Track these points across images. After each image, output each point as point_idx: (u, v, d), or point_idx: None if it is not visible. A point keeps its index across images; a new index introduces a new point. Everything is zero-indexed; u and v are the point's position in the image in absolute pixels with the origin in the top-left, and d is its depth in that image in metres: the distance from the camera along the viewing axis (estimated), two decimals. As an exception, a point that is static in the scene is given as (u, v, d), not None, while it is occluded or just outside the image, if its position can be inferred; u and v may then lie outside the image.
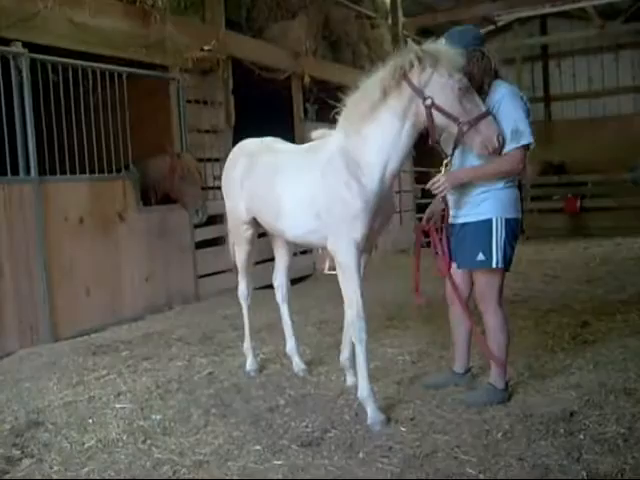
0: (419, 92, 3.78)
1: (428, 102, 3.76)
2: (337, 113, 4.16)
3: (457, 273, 4.40)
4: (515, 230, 4.15)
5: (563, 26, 17.31)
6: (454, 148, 3.91)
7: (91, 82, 7.08)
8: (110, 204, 7.29)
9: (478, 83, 3.97)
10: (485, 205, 4.08)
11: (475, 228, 4.12)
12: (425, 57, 3.76)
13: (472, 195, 4.12)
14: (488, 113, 3.77)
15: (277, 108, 11.09)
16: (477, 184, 4.08)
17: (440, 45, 3.85)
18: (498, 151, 3.80)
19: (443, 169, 3.99)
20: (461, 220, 4.24)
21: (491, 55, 4.07)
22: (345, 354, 4.62)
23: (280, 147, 4.89)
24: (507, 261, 4.11)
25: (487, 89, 4.01)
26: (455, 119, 3.74)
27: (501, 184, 4.06)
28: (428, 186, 4.08)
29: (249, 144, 5.12)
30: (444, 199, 4.16)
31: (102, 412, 4.43)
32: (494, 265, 4.07)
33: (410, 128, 3.90)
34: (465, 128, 3.72)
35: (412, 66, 3.79)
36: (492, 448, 3.52)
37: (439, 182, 3.99)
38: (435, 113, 3.78)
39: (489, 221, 4.06)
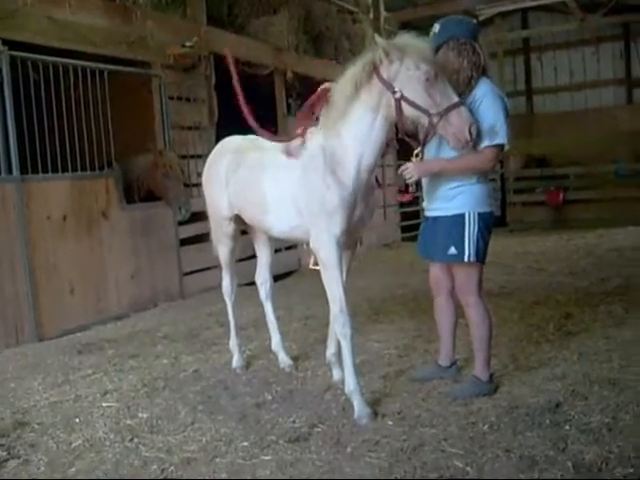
0: (388, 86, 3.81)
1: (397, 95, 3.78)
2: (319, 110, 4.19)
3: (437, 266, 4.44)
4: (488, 224, 4.19)
5: (544, 20, 17.39)
6: (425, 139, 3.91)
7: (72, 79, 7.03)
8: (93, 202, 7.24)
9: (466, 77, 3.99)
10: (458, 199, 4.12)
11: (448, 222, 4.16)
12: (392, 51, 3.78)
13: (445, 189, 4.16)
14: (460, 103, 3.76)
15: (260, 104, 11.03)
16: (450, 178, 4.11)
17: (408, 38, 3.85)
18: (471, 142, 3.78)
19: (414, 158, 4.02)
20: (434, 214, 4.28)
21: (482, 51, 4.09)
22: (331, 349, 4.63)
23: (265, 144, 4.89)
24: (480, 255, 4.14)
25: (474, 84, 4.02)
26: (425, 111, 3.75)
27: (474, 179, 4.09)
28: (399, 171, 4.11)
29: (234, 141, 5.12)
30: (413, 186, 4.15)
31: (88, 411, 4.41)
32: (466, 259, 4.11)
33: (383, 121, 3.91)
34: (435, 120, 3.73)
35: (382, 60, 3.81)
36: (479, 440, 3.54)
37: (409, 169, 4.02)
38: (405, 106, 3.79)
39: (462, 215, 4.11)
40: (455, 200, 4.12)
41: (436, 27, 4.11)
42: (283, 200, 4.29)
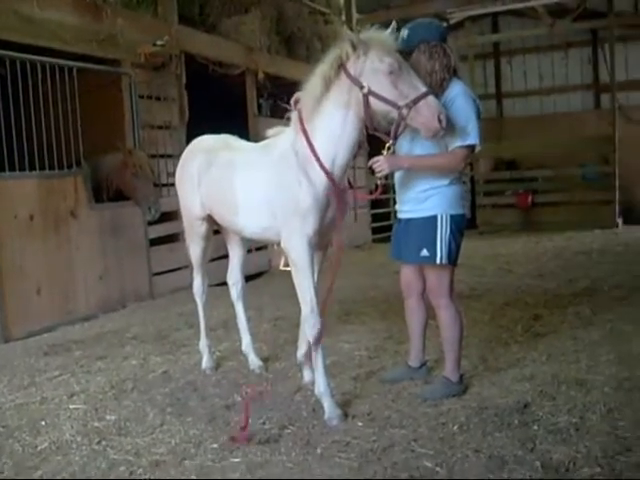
0: (356, 81, 3.80)
1: (364, 90, 3.77)
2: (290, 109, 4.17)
3: (409, 268, 4.45)
4: (460, 226, 4.20)
5: (514, 24, 17.54)
6: (395, 132, 3.87)
7: (40, 76, 6.92)
8: (61, 201, 7.15)
9: (439, 79, 4.00)
10: (430, 201, 4.13)
11: (420, 224, 4.17)
12: (358, 45, 3.77)
13: (417, 191, 4.17)
14: (427, 93, 3.73)
15: (231, 104, 11.01)
16: (422, 180, 4.13)
17: (372, 32, 3.84)
18: (442, 131, 3.73)
19: (385, 151, 3.99)
20: (406, 215, 4.30)
21: (452, 52, 4.11)
22: (301, 350, 4.61)
23: (237, 144, 4.88)
24: (452, 257, 4.15)
25: (446, 86, 4.04)
26: (393, 104, 3.73)
27: (447, 181, 4.11)
28: (369, 164, 4.08)
29: (206, 140, 5.08)
30: (382, 179, 4.11)
31: (55, 413, 4.34)
32: (438, 261, 4.12)
33: (354, 118, 3.89)
34: (405, 112, 3.71)
35: (348, 56, 3.81)
36: (448, 441, 3.55)
37: (379, 162, 4.01)
38: (374, 100, 3.78)
39: (434, 217, 4.12)
40: (427, 202, 4.13)
41: (404, 32, 4.10)
42: (255, 201, 4.27)
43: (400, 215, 4.38)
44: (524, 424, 3.70)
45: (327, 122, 3.92)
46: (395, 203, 4.43)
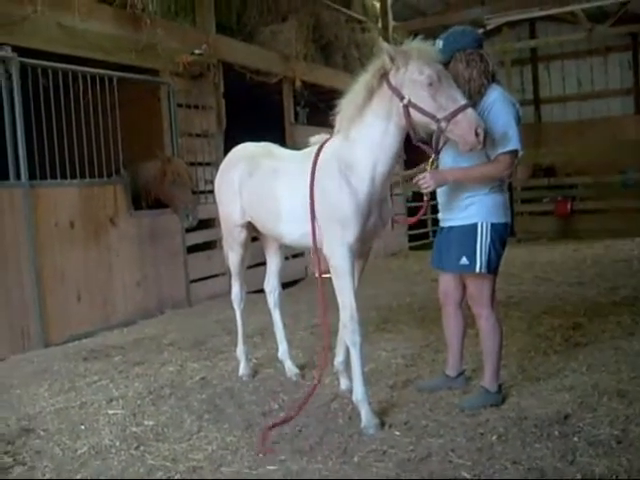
0: (397, 92, 3.79)
1: (405, 101, 3.76)
2: (333, 117, 4.17)
3: (448, 276, 4.42)
4: (502, 235, 4.14)
5: (552, 29, 17.39)
6: (437, 145, 3.88)
7: (81, 86, 7.05)
8: (101, 209, 7.26)
9: (477, 86, 3.97)
10: (471, 209, 4.10)
11: (461, 232, 4.14)
12: (397, 56, 3.76)
13: (459, 199, 4.14)
14: (467, 106, 3.69)
15: (268, 112, 11.08)
16: (464, 189, 4.09)
17: (414, 43, 3.83)
18: (479, 145, 3.67)
19: (429, 167, 3.98)
20: (448, 224, 4.27)
21: (489, 58, 4.08)
22: (339, 358, 4.60)
23: (279, 152, 4.90)
24: (492, 266, 4.10)
25: (484, 92, 4.01)
26: (432, 116, 3.71)
27: (486, 189, 4.06)
28: (415, 180, 4.07)
29: (248, 147, 5.11)
30: (428, 195, 4.10)
31: (94, 418, 4.40)
32: (477, 270, 4.07)
33: (394, 129, 3.89)
34: (443, 124, 3.69)
35: (390, 67, 3.80)
36: (486, 451, 3.51)
37: (425, 178, 3.99)
38: (414, 112, 3.76)
39: (474, 225, 4.08)
40: (468, 210, 4.10)
41: (439, 43, 4.05)
42: (297, 207, 4.27)
43: (442, 223, 4.35)
44: (564, 436, 3.64)
45: (368, 131, 3.92)
46: (432, 210, 4.40)
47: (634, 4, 14.33)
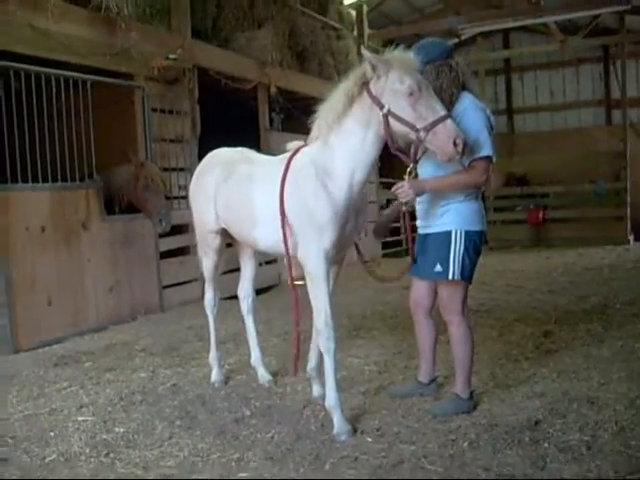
0: (377, 101, 3.80)
1: (384, 110, 3.77)
2: (308, 124, 4.17)
3: (421, 284, 4.44)
4: (477, 242, 4.17)
5: (525, 40, 17.62)
6: (415, 155, 3.92)
7: (55, 89, 6.98)
8: (73, 213, 7.19)
9: (448, 96, 4.00)
10: (446, 217, 4.13)
11: (435, 239, 4.17)
12: (378, 65, 3.77)
13: (436, 207, 4.17)
14: (446, 117, 3.70)
15: (243, 118, 11.07)
16: (441, 196, 4.11)
17: (395, 52, 3.85)
18: (458, 155, 3.70)
19: (407, 176, 3.98)
20: (425, 231, 4.29)
21: (459, 68, 4.11)
22: (312, 364, 4.59)
23: (255, 157, 4.87)
24: (465, 273, 4.13)
25: (455, 100, 4.04)
26: (412, 126, 3.71)
27: (461, 197, 4.09)
28: (393, 189, 4.08)
29: (224, 153, 5.07)
30: (405, 205, 4.12)
31: (63, 425, 4.34)
32: (450, 277, 4.10)
33: (373, 137, 3.89)
34: (422, 134, 3.69)
35: (371, 75, 3.81)
36: (458, 458, 3.52)
37: (404, 188, 4.00)
38: (393, 121, 3.77)
39: (448, 233, 4.11)
40: (443, 217, 4.13)
41: (409, 53, 4.10)
42: (272, 213, 4.25)
43: (420, 230, 4.37)
44: (535, 442, 3.66)
45: (348, 138, 3.92)
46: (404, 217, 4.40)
47: (605, 17, 14.57)
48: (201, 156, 5.39)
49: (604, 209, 14.73)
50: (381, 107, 3.78)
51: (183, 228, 8.51)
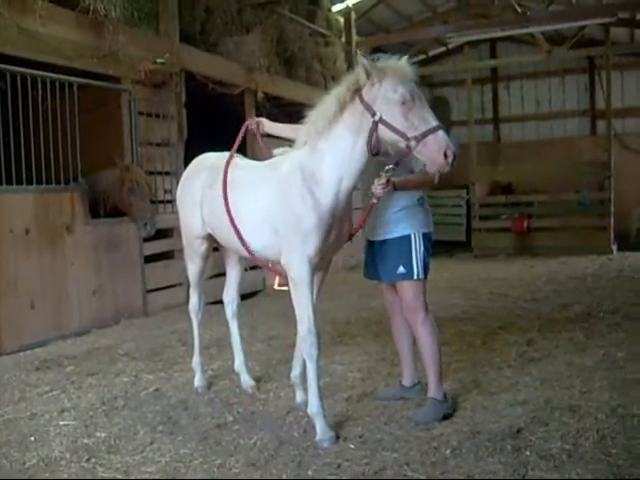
0: (369, 108, 3.79)
1: (376, 118, 3.76)
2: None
3: (387, 288, 4.59)
4: (429, 243, 4.39)
5: (512, 50, 17.75)
6: (399, 159, 3.91)
7: (41, 91, 6.94)
8: (57, 216, 7.14)
9: None
10: (403, 223, 4.30)
11: (395, 244, 4.33)
12: (373, 72, 3.77)
13: (389, 214, 4.31)
14: (438, 127, 3.68)
15: (229, 123, 11.03)
16: (391, 204, 4.27)
17: (391, 60, 3.84)
18: (447, 167, 3.66)
19: (384, 174, 3.94)
20: (381, 237, 4.40)
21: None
22: (296, 371, 4.59)
23: (242, 162, 4.84)
24: (426, 272, 4.37)
25: None
26: (402, 134, 3.69)
27: (415, 202, 4.30)
28: (375, 185, 3.98)
29: (210, 158, 5.05)
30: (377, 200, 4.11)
31: (44, 430, 4.31)
32: (415, 276, 4.29)
33: (363, 144, 3.87)
34: (413, 144, 3.67)
35: (365, 82, 3.81)
36: (440, 465, 3.53)
37: (386, 185, 3.95)
38: (384, 129, 3.75)
39: (408, 237, 4.31)
40: (401, 223, 4.30)
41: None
42: (257, 218, 4.25)
43: (373, 238, 4.47)
44: (516, 449, 3.68)
45: (337, 144, 3.91)
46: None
47: (591, 29, 14.70)
48: (187, 160, 5.37)
49: (588, 219, 14.81)
50: (373, 114, 3.77)
51: (168, 232, 8.49)
